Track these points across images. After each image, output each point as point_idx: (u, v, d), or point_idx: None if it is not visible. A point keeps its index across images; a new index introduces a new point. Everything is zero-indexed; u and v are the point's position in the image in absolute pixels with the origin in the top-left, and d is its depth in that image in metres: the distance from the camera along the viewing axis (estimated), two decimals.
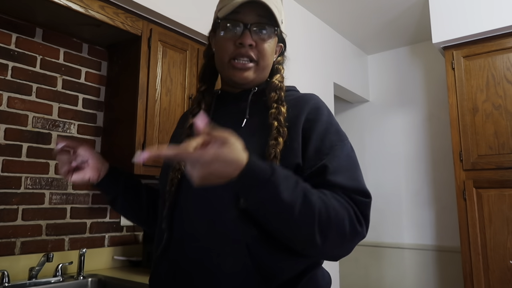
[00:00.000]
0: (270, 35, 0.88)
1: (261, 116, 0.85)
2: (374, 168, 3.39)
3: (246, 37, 0.85)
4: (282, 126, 0.81)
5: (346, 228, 0.72)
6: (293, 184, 0.69)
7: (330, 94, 2.97)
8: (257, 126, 0.85)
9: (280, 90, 0.88)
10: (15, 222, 1.75)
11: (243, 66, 0.87)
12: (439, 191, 3.06)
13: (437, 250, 3.00)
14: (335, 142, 0.82)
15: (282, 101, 0.86)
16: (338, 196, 0.75)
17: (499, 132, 2.29)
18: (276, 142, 0.78)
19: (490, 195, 2.26)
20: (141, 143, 1.91)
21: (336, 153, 0.80)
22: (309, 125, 0.83)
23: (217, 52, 0.91)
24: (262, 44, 0.87)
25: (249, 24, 0.85)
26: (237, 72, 0.87)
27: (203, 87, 0.95)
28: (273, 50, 0.91)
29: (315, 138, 0.81)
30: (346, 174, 0.79)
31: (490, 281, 2.20)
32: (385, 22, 2.98)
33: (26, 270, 1.72)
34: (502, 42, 2.36)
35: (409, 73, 3.36)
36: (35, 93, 1.88)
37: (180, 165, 0.86)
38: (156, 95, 2.01)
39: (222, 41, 0.88)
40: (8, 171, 1.75)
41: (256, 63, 0.88)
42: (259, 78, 0.90)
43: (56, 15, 1.80)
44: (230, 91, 0.94)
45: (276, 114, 0.83)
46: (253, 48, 0.86)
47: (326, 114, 0.86)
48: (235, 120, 0.88)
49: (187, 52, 2.20)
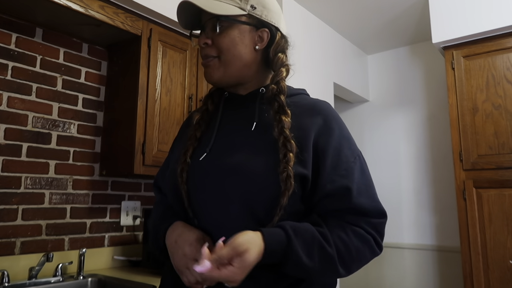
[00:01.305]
0: (220, 27, 0.86)
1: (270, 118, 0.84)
2: (374, 168, 3.38)
3: (200, 38, 0.89)
4: (289, 140, 0.79)
5: (367, 257, 0.81)
6: (310, 243, 0.75)
7: (330, 94, 2.97)
8: (265, 130, 0.84)
9: (279, 95, 0.84)
10: (15, 222, 1.75)
11: (205, 63, 0.89)
12: (439, 191, 3.06)
13: (437, 250, 3.00)
14: (351, 158, 0.83)
15: (284, 109, 0.83)
16: (359, 229, 0.79)
17: (499, 132, 2.29)
18: (287, 159, 0.77)
19: (490, 195, 2.26)
20: (141, 143, 1.91)
21: (354, 172, 0.82)
22: (322, 138, 0.82)
23: None
24: (218, 38, 0.87)
25: (202, 25, 0.89)
26: (205, 73, 0.90)
27: (213, 88, 0.96)
28: (237, 40, 0.86)
29: (331, 154, 0.81)
30: (366, 195, 0.82)
31: (490, 281, 2.20)
32: (385, 22, 2.98)
33: (26, 270, 1.72)
34: (502, 42, 2.36)
35: (409, 73, 3.36)
36: (35, 93, 1.88)
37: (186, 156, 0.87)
38: (156, 95, 2.01)
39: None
40: (8, 171, 1.75)
41: (218, 58, 0.87)
42: (228, 74, 0.88)
43: (56, 15, 1.80)
44: (237, 93, 0.93)
45: (280, 127, 0.80)
46: (210, 46, 0.87)
47: (340, 127, 0.86)
48: (245, 124, 0.87)
49: (187, 52, 2.20)
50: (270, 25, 0.89)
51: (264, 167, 0.79)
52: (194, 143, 0.89)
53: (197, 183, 0.84)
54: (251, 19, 0.87)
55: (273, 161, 0.78)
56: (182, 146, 0.91)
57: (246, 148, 0.83)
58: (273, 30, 0.90)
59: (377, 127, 3.46)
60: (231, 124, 0.89)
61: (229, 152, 0.83)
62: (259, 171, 0.78)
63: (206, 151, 0.86)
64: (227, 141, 0.86)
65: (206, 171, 0.83)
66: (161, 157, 1.95)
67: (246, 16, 0.87)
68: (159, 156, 1.96)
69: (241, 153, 0.82)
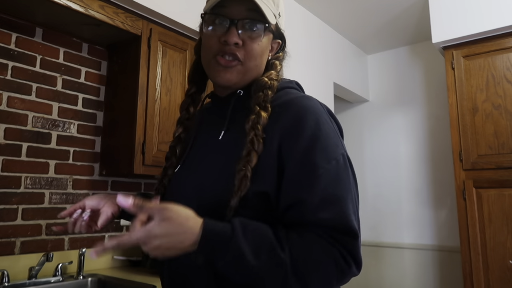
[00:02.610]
0: (260, 33, 0.76)
1: (242, 124, 0.74)
2: (373, 168, 3.39)
3: (231, 34, 0.74)
4: (258, 138, 0.69)
5: (331, 274, 0.66)
6: (258, 241, 0.63)
7: (330, 94, 2.98)
8: (238, 137, 0.73)
9: (267, 90, 0.76)
10: (15, 221, 1.75)
11: (226, 63, 0.76)
12: (439, 191, 3.06)
13: (437, 250, 3.00)
14: (320, 164, 0.68)
15: (266, 104, 0.74)
16: (320, 239, 0.66)
17: (499, 132, 2.29)
18: (249, 158, 0.68)
19: (490, 195, 2.26)
20: (141, 142, 1.91)
21: (320, 182, 0.67)
22: (286, 143, 0.70)
23: (202, 49, 0.82)
24: (251, 44, 0.76)
25: (236, 20, 0.74)
26: (221, 71, 0.76)
27: (192, 90, 0.87)
28: (265, 50, 0.80)
29: (294, 162, 0.69)
30: (330, 208, 0.67)
31: (490, 280, 2.20)
32: (385, 22, 2.98)
33: (26, 270, 1.72)
34: (502, 42, 2.36)
35: (409, 73, 3.36)
36: (35, 93, 1.88)
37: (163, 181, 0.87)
38: (156, 95, 2.01)
39: (206, 37, 0.78)
40: (8, 171, 1.75)
41: (242, 64, 0.76)
42: (244, 81, 0.79)
43: (56, 14, 1.80)
44: (217, 93, 0.85)
45: (255, 122, 0.71)
46: (239, 47, 0.75)
47: (311, 127, 0.70)
48: (214, 130, 0.79)
49: (187, 52, 2.20)
50: (283, 36, 0.85)
51: (222, 164, 0.73)
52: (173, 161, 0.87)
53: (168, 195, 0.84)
54: (275, 28, 0.80)
55: (232, 159, 0.70)
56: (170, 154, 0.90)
57: (209, 160, 0.78)
58: (284, 42, 0.86)
59: (377, 127, 3.46)
60: (204, 130, 0.86)
61: (193, 166, 0.82)
62: (214, 168, 0.74)
63: (180, 163, 0.85)
64: (195, 153, 0.84)
65: (176, 185, 0.83)
66: (161, 157, 1.95)
67: (274, 24, 0.80)
68: (159, 156, 1.96)
69: (200, 170, 0.79)
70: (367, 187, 3.37)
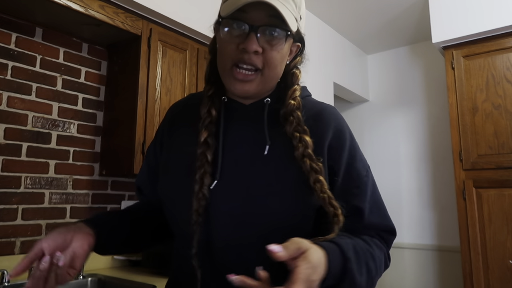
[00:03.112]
0: (281, 40, 0.72)
1: (282, 137, 0.75)
2: (373, 167, 3.36)
3: (250, 41, 0.70)
4: (315, 162, 0.71)
5: (384, 268, 0.78)
6: (360, 261, 0.69)
7: (330, 93, 2.98)
8: (280, 152, 0.75)
9: (296, 111, 0.75)
10: (15, 221, 1.75)
11: (244, 77, 0.72)
12: (439, 190, 3.06)
13: (437, 250, 3.00)
14: (363, 172, 0.78)
15: (303, 127, 0.74)
16: (379, 242, 0.78)
17: (499, 132, 2.29)
18: (321, 184, 0.71)
19: (490, 195, 2.26)
20: (141, 142, 1.91)
21: (367, 189, 0.78)
22: (334, 152, 0.76)
23: (218, 53, 0.77)
24: (271, 52, 0.72)
25: (256, 26, 0.70)
26: (238, 84, 0.73)
27: (211, 91, 0.80)
28: (285, 56, 0.77)
29: (343, 171, 0.76)
30: (378, 213, 0.79)
31: (490, 280, 2.20)
32: (385, 22, 2.98)
33: None
34: (502, 42, 2.37)
35: (409, 73, 3.36)
36: (35, 93, 1.88)
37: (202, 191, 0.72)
38: (156, 95, 2.01)
39: (223, 43, 0.74)
40: (8, 171, 1.75)
41: (261, 73, 0.73)
42: (264, 90, 0.77)
43: (56, 14, 1.80)
44: (239, 100, 0.81)
45: (305, 149, 0.72)
46: (258, 55, 0.71)
47: (350, 137, 0.79)
48: (254, 144, 0.75)
49: (187, 51, 2.20)
50: (303, 39, 0.82)
51: (293, 204, 0.72)
52: (207, 169, 0.73)
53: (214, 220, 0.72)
54: (295, 32, 0.75)
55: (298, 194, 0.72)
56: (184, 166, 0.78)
57: (263, 176, 0.73)
58: (303, 45, 0.83)
59: (377, 127, 3.46)
60: (237, 142, 0.77)
61: (245, 180, 0.73)
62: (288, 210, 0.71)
63: (216, 178, 0.73)
64: (238, 165, 0.75)
65: (220, 208, 0.72)
66: None
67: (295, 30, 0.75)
68: None
69: (257, 186, 0.72)
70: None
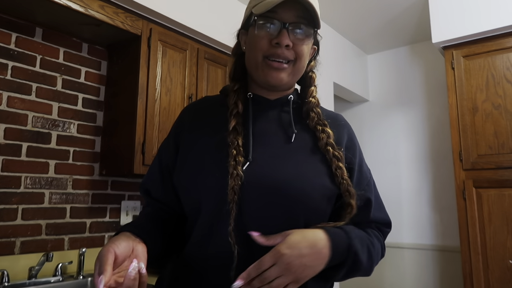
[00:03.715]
0: (309, 36, 0.84)
1: (304, 131, 0.86)
2: (373, 167, 3.36)
3: (283, 36, 0.80)
4: (337, 150, 0.83)
5: (381, 256, 0.88)
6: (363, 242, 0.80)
7: (330, 93, 2.98)
8: (305, 142, 0.85)
9: (317, 108, 0.89)
10: (14, 221, 1.75)
11: (279, 65, 0.82)
12: (438, 191, 3.06)
13: (437, 250, 3.00)
14: (368, 174, 0.92)
15: (324, 121, 0.87)
16: (377, 233, 0.88)
17: (498, 132, 2.29)
18: (341, 171, 0.81)
19: (490, 195, 2.26)
20: (140, 142, 1.91)
21: (372, 187, 0.90)
22: (349, 153, 0.88)
23: (249, 50, 0.86)
24: (300, 45, 0.83)
25: (287, 24, 0.81)
26: (273, 72, 0.82)
27: (236, 86, 0.89)
28: (309, 52, 0.88)
29: (356, 170, 0.87)
30: (380, 209, 0.91)
31: (490, 280, 2.20)
32: (385, 21, 2.98)
33: (25, 270, 1.72)
34: (502, 42, 2.36)
35: (409, 73, 3.36)
36: (35, 93, 1.88)
37: (237, 170, 0.76)
38: (156, 95, 2.01)
39: (256, 38, 0.82)
40: (8, 171, 1.75)
41: (293, 64, 0.84)
42: (293, 81, 0.88)
43: (56, 14, 1.80)
44: (263, 95, 0.89)
45: (328, 139, 0.84)
46: (289, 48, 0.81)
47: (358, 143, 0.93)
48: (281, 133, 0.85)
49: (187, 51, 2.20)
50: (318, 44, 0.94)
51: (319, 185, 0.80)
52: (239, 151, 0.79)
53: (247, 200, 0.76)
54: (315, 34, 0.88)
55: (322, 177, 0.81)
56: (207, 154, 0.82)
57: (291, 159, 0.81)
58: (318, 50, 0.95)
59: (377, 127, 3.46)
60: (265, 131, 0.85)
61: (275, 163, 0.79)
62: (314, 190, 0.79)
63: (249, 160, 0.79)
64: (267, 150, 0.81)
65: (254, 185, 0.77)
66: None
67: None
68: None
69: (287, 166, 0.79)
70: None
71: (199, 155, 0.83)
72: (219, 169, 0.78)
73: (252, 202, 0.76)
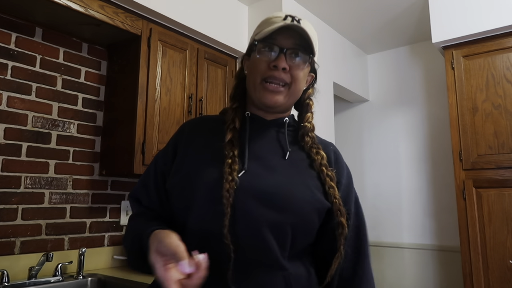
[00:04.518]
0: (305, 62, 0.90)
1: (299, 151, 0.93)
2: (373, 167, 3.39)
3: (280, 60, 0.87)
4: (330, 171, 0.89)
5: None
6: None
7: (330, 93, 2.97)
8: (299, 160, 0.91)
9: (312, 132, 0.95)
10: (14, 221, 1.75)
11: (275, 88, 0.88)
12: (438, 190, 3.06)
13: (437, 250, 3.00)
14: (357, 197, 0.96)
15: (318, 145, 0.93)
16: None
17: (498, 131, 2.29)
18: (334, 190, 0.87)
19: (490, 195, 2.26)
20: (140, 142, 1.91)
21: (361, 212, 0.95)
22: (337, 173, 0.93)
23: (249, 73, 0.92)
24: (296, 70, 0.89)
25: (285, 49, 0.87)
26: (269, 94, 0.88)
27: (235, 104, 0.95)
28: (304, 78, 0.93)
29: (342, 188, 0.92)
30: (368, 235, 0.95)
31: (490, 280, 2.20)
32: (385, 21, 2.98)
33: (25, 270, 1.72)
34: (502, 41, 2.36)
35: (409, 73, 3.35)
36: (35, 93, 1.88)
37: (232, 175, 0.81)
38: (156, 95, 2.01)
39: (256, 62, 0.90)
40: (8, 171, 1.75)
41: (288, 87, 0.89)
42: (288, 103, 0.93)
43: (56, 14, 1.80)
44: (260, 115, 0.95)
45: (322, 161, 0.90)
46: (286, 72, 0.88)
47: (347, 167, 0.98)
48: (276, 150, 0.91)
49: (187, 51, 2.20)
50: (316, 72, 1.00)
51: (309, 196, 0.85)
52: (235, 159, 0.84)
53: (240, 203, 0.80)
54: (311, 61, 0.94)
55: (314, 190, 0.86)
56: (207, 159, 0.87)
57: (284, 171, 0.87)
58: (315, 78, 1.01)
59: (377, 127, 3.46)
60: (260, 146, 0.91)
61: (267, 173, 0.85)
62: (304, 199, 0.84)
63: (244, 168, 0.84)
64: (262, 163, 0.87)
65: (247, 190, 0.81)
66: None
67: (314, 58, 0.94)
68: None
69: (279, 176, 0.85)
70: (367, 187, 3.37)
71: (196, 161, 0.88)
72: (214, 173, 0.83)
73: (244, 206, 0.80)
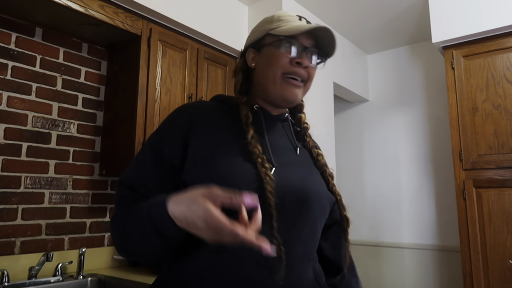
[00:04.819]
0: (321, 62, 0.96)
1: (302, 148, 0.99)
2: (373, 167, 3.39)
3: (305, 58, 0.91)
4: (330, 170, 0.98)
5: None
6: None
7: (330, 93, 2.97)
8: (306, 157, 0.98)
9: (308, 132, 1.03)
10: (14, 221, 1.75)
11: (297, 83, 0.92)
12: (438, 190, 3.06)
13: (437, 250, 3.00)
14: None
15: (317, 145, 1.03)
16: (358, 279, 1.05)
17: (498, 131, 2.29)
18: (335, 188, 0.96)
19: (490, 195, 2.26)
20: (140, 142, 1.91)
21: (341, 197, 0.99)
22: None
23: (266, 67, 0.93)
24: (312, 69, 0.94)
25: (309, 48, 0.92)
26: (292, 88, 0.91)
27: (244, 99, 0.95)
28: None
29: None
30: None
31: (490, 280, 2.20)
32: (385, 21, 2.98)
33: (25, 270, 1.72)
34: (502, 41, 2.36)
35: (409, 73, 3.35)
36: (35, 93, 1.88)
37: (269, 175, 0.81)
38: (156, 95, 2.01)
39: (276, 55, 0.91)
40: (8, 171, 1.75)
41: (304, 84, 0.94)
42: (300, 99, 0.98)
43: (56, 14, 1.80)
44: (267, 109, 0.97)
45: (324, 161, 0.99)
46: (306, 69, 0.92)
47: None
48: (288, 146, 0.96)
49: (187, 51, 2.20)
50: None
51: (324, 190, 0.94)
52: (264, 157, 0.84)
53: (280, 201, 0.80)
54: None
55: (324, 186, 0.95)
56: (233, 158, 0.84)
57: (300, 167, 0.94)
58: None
59: (377, 127, 3.46)
60: (275, 141, 0.94)
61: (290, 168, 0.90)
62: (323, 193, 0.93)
63: (274, 165, 0.86)
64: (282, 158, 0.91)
65: (283, 188, 0.83)
66: None
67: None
68: None
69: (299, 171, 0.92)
70: (367, 187, 3.37)
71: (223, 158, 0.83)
72: (248, 172, 0.81)
73: (283, 205, 0.82)
